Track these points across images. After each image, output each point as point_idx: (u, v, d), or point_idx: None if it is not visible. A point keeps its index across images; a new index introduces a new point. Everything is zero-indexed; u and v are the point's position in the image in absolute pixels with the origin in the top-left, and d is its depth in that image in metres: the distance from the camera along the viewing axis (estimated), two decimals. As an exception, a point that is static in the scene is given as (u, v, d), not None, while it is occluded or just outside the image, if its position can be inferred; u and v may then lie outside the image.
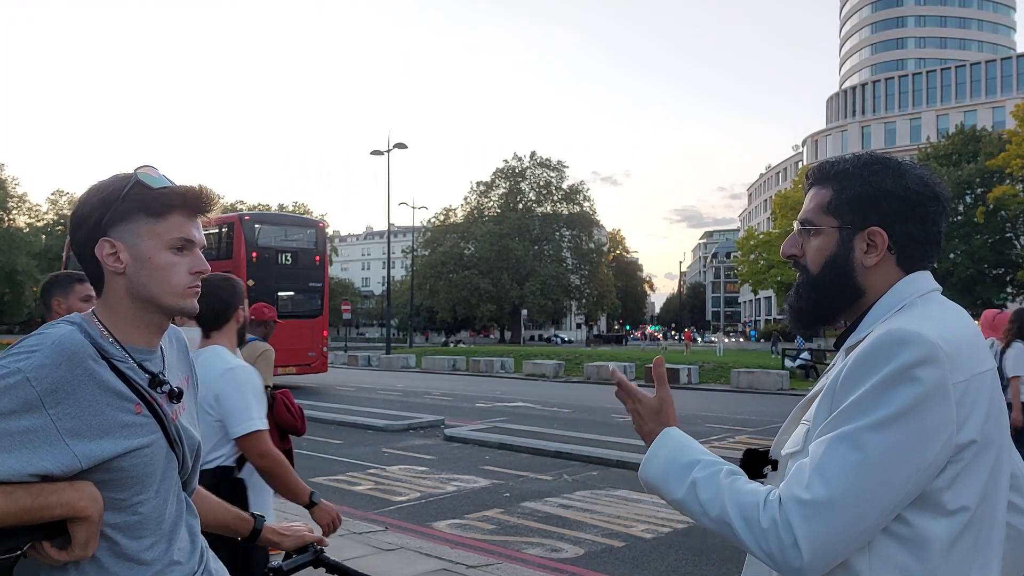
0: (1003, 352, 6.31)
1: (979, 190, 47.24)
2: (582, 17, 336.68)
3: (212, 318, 2.98)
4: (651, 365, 1.60)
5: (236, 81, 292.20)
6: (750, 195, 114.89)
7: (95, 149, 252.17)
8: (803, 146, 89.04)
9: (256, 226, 22.09)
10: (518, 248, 62.47)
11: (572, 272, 67.19)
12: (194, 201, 1.52)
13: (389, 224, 43.49)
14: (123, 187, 1.47)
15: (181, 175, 1.56)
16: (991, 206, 45.38)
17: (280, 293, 21.77)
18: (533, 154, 66.18)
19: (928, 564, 1.27)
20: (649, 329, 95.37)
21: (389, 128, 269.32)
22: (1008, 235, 47.76)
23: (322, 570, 1.94)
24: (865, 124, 79.98)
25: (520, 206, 65.97)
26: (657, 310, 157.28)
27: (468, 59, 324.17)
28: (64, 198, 73.44)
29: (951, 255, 47.01)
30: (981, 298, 48.12)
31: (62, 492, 1.34)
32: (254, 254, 21.04)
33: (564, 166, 66.56)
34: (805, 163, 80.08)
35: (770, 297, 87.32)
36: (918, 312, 1.36)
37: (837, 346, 1.49)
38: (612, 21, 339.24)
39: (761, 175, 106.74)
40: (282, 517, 6.20)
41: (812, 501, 1.24)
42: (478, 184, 67.85)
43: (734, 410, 16.97)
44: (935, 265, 1.48)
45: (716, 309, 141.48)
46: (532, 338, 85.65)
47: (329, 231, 55.05)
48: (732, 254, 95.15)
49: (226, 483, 2.89)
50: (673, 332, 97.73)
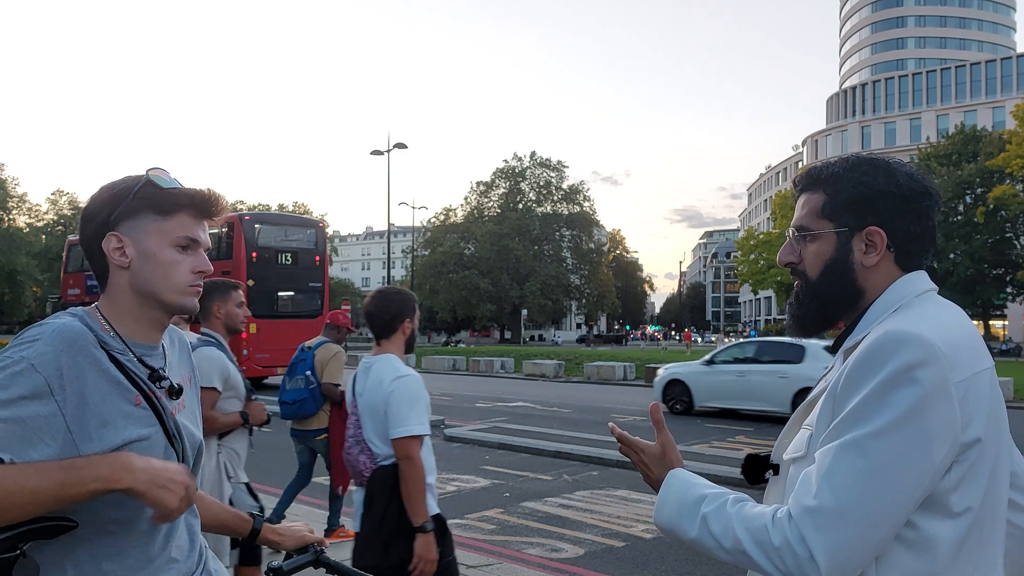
0: None
1: (979, 190, 47.28)
2: (582, 17, 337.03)
3: (382, 327, 3.24)
4: (650, 409, 1.61)
5: (236, 81, 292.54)
6: (750, 195, 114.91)
7: (95, 149, 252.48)
8: (803, 146, 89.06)
9: (256, 226, 22.08)
10: (518, 248, 62.48)
11: (572, 272, 67.21)
12: (202, 203, 1.55)
13: (389, 224, 43.51)
14: (134, 185, 1.51)
15: (181, 175, 1.58)
16: (991, 206, 45.42)
17: (280, 293, 21.76)
18: (533, 154, 66.24)
19: (935, 566, 1.27)
20: (649, 329, 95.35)
21: (389, 128, 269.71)
22: (1008, 235, 47.78)
23: (322, 570, 1.93)
24: (865, 124, 79.99)
25: (520, 206, 65.99)
26: (657, 310, 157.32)
27: (468, 59, 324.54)
28: (64, 198, 73.45)
29: (951, 255, 47.00)
30: (981, 298, 48.18)
31: (95, 466, 1.32)
32: (254, 254, 21.04)
33: (564, 166, 66.62)
34: (805, 163, 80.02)
35: (770, 297, 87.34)
36: (915, 312, 1.35)
37: (835, 348, 1.48)
38: (612, 21, 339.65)
39: (761, 175, 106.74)
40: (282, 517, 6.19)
41: (824, 511, 1.22)
42: (478, 184, 67.93)
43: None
44: (935, 265, 1.49)
45: (716, 309, 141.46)
46: (532, 338, 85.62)
47: (329, 231, 55.08)
48: (732, 254, 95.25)
49: (390, 483, 3.20)
50: (673, 332, 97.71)
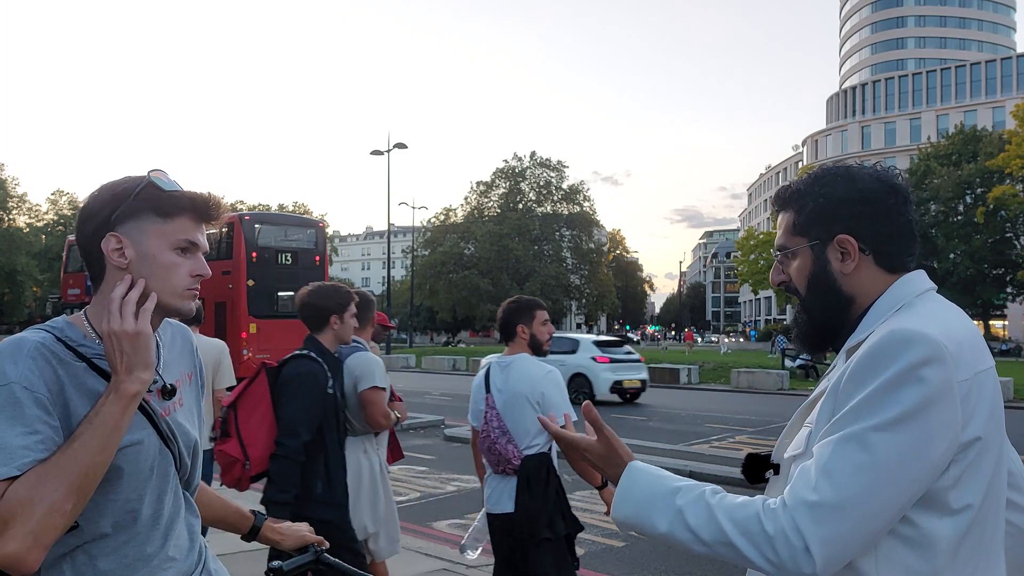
0: None
1: (979, 190, 47.24)
2: (582, 17, 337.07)
3: (504, 331, 3.86)
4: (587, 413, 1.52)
5: (236, 81, 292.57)
6: (750, 195, 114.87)
7: (95, 149, 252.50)
8: (803, 146, 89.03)
9: (256, 226, 22.07)
10: (518, 248, 62.46)
11: (572, 272, 67.18)
12: (203, 207, 1.54)
13: (389, 224, 43.51)
14: (135, 186, 1.50)
15: (181, 175, 1.58)
16: (991, 206, 45.38)
17: (280, 293, 21.74)
18: (533, 154, 66.16)
19: (935, 564, 1.27)
20: (649, 329, 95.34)
21: (389, 128, 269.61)
22: (1008, 235, 47.75)
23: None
24: (865, 124, 79.97)
25: (520, 206, 65.95)
26: (657, 310, 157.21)
27: (468, 59, 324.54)
28: (64, 198, 73.35)
29: (951, 255, 46.97)
30: (981, 298, 48.16)
31: (106, 413, 1.36)
32: (254, 254, 21.03)
33: (564, 166, 66.55)
34: (805, 163, 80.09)
35: (770, 297, 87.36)
36: (918, 311, 1.36)
37: (837, 348, 1.48)
38: (612, 21, 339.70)
39: (761, 175, 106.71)
40: (282, 517, 6.19)
41: (822, 503, 1.21)
42: (478, 184, 67.85)
43: (734, 410, 16.97)
44: (935, 265, 1.49)
45: (716, 309, 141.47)
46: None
47: (329, 231, 54.94)
48: (732, 254, 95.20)
49: (546, 466, 3.64)
50: (672, 332, 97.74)
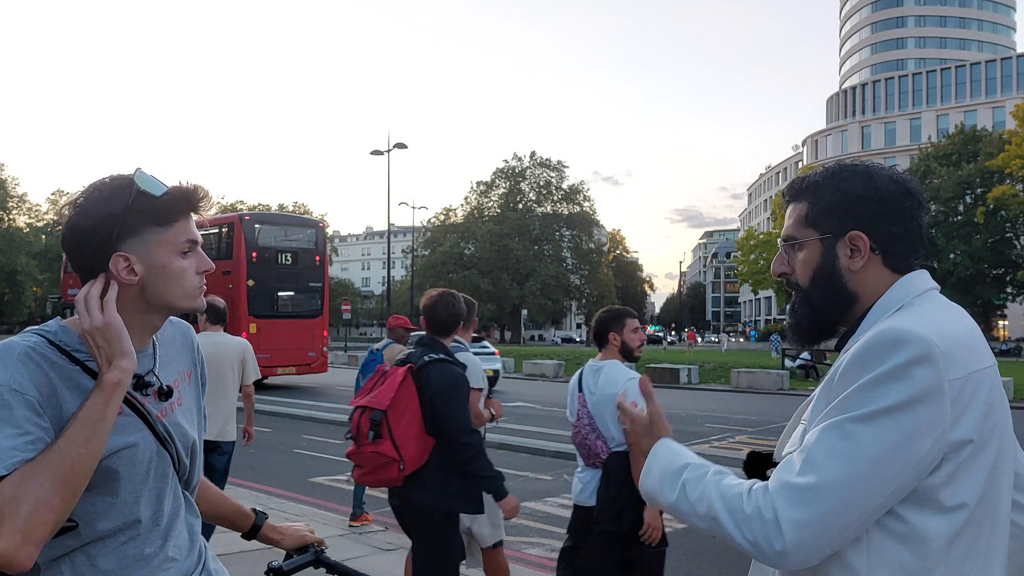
0: None
1: (979, 190, 47.28)
2: (582, 17, 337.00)
3: (597, 338, 4.20)
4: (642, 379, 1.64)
5: (236, 81, 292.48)
6: (750, 195, 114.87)
7: (95, 149, 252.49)
8: (803, 146, 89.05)
9: (256, 226, 22.08)
10: (518, 248, 62.52)
11: (572, 272, 67.25)
12: (195, 202, 1.54)
13: (389, 224, 43.52)
14: (126, 199, 1.46)
15: (182, 175, 1.57)
16: (991, 206, 45.41)
17: (280, 293, 21.76)
18: (533, 154, 66.27)
19: (926, 561, 1.27)
20: (650, 329, 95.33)
21: (389, 128, 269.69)
22: (1008, 235, 47.79)
23: (322, 570, 1.93)
24: (865, 124, 79.98)
25: (520, 206, 66.00)
26: (657, 310, 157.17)
27: (468, 59, 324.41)
28: (64, 198, 73.36)
29: (951, 255, 47.00)
30: (981, 298, 48.18)
31: (90, 405, 1.36)
32: (254, 254, 21.03)
33: (564, 166, 66.67)
34: (805, 163, 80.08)
35: (770, 297, 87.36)
36: (915, 311, 1.36)
37: (838, 348, 1.49)
38: (612, 21, 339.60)
39: (761, 175, 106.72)
40: (283, 517, 6.20)
41: (797, 486, 1.25)
42: (478, 184, 67.97)
43: (734, 410, 16.97)
44: (935, 265, 1.49)
45: (716, 309, 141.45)
46: (532, 338, 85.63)
47: (329, 231, 54.96)
48: (732, 254, 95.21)
49: (624, 467, 3.93)
50: (673, 332, 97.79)
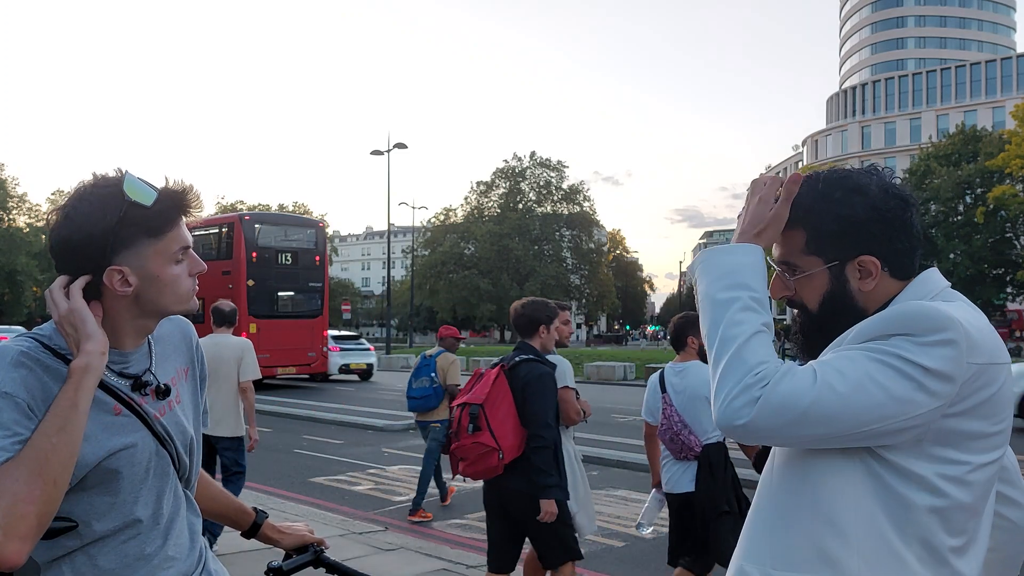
0: None
1: (979, 190, 47.30)
2: (582, 17, 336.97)
3: (675, 342, 4.68)
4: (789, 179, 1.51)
5: (236, 81, 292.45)
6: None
7: (95, 149, 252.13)
8: (803, 146, 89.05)
9: (256, 226, 22.09)
10: (518, 248, 62.49)
11: (572, 272, 67.20)
12: (186, 205, 1.51)
13: (389, 224, 43.51)
14: (117, 211, 1.42)
15: (182, 175, 1.53)
16: (991, 206, 45.42)
17: (280, 293, 21.77)
18: (533, 154, 66.15)
19: (904, 522, 1.28)
20: (649, 329, 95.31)
21: (389, 128, 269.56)
22: (1008, 235, 47.81)
23: (322, 570, 1.93)
24: (865, 124, 79.98)
25: (520, 206, 65.95)
26: (657, 310, 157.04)
27: (468, 59, 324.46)
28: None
29: (951, 255, 47.05)
30: (981, 298, 48.18)
31: (61, 393, 1.36)
32: (254, 254, 21.04)
33: (564, 166, 66.56)
34: (805, 163, 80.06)
35: (769, 297, 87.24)
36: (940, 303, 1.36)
37: None
38: (612, 21, 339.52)
39: (761, 175, 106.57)
40: (283, 517, 6.21)
41: (791, 381, 1.27)
42: (478, 184, 67.85)
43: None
44: (935, 266, 1.49)
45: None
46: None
47: (329, 231, 54.85)
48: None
49: (723, 453, 4.69)
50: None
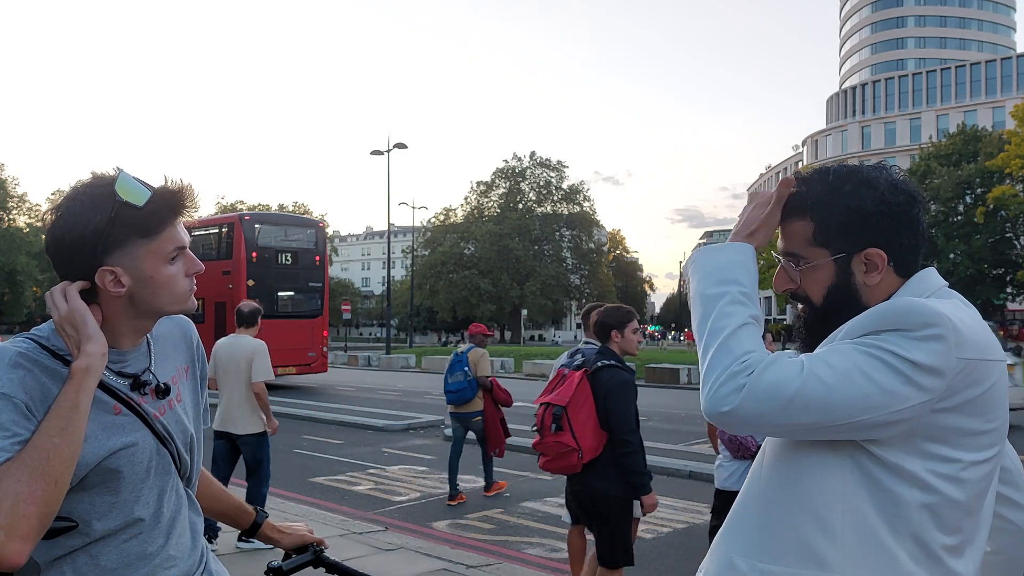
0: None
1: (979, 190, 47.32)
2: (582, 18, 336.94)
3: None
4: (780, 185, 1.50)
5: (236, 81, 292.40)
6: (750, 195, 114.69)
7: (95, 149, 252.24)
8: (803, 146, 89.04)
9: (256, 226, 22.09)
10: (518, 248, 62.47)
11: (572, 272, 67.19)
12: (181, 206, 1.50)
13: (389, 224, 43.49)
14: (109, 211, 1.41)
15: (182, 175, 1.52)
16: (991, 206, 45.44)
17: (280, 293, 21.77)
18: (533, 154, 66.16)
19: (896, 523, 1.28)
20: (649, 329, 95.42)
21: (389, 128, 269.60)
22: (1008, 235, 47.83)
23: (322, 570, 1.93)
24: (865, 124, 79.96)
25: (520, 206, 65.94)
26: (657, 310, 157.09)
27: (468, 59, 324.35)
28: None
29: (951, 255, 47.07)
30: (981, 298, 48.19)
31: (62, 394, 1.36)
32: (254, 254, 21.04)
33: (564, 166, 66.57)
34: (805, 163, 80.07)
35: (769, 297, 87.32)
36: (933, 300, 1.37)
37: None
38: (613, 22, 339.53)
39: (761, 175, 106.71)
40: (283, 517, 6.21)
41: (780, 367, 1.28)
42: (478, 184, 67.86)
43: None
44: (936, 266, 1.49)
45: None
46: (532, 338, 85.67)
47: (329, 231, 54.87)
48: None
49: None
50: (673, 331, 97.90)
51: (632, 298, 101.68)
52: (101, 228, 1.41)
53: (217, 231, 22.16)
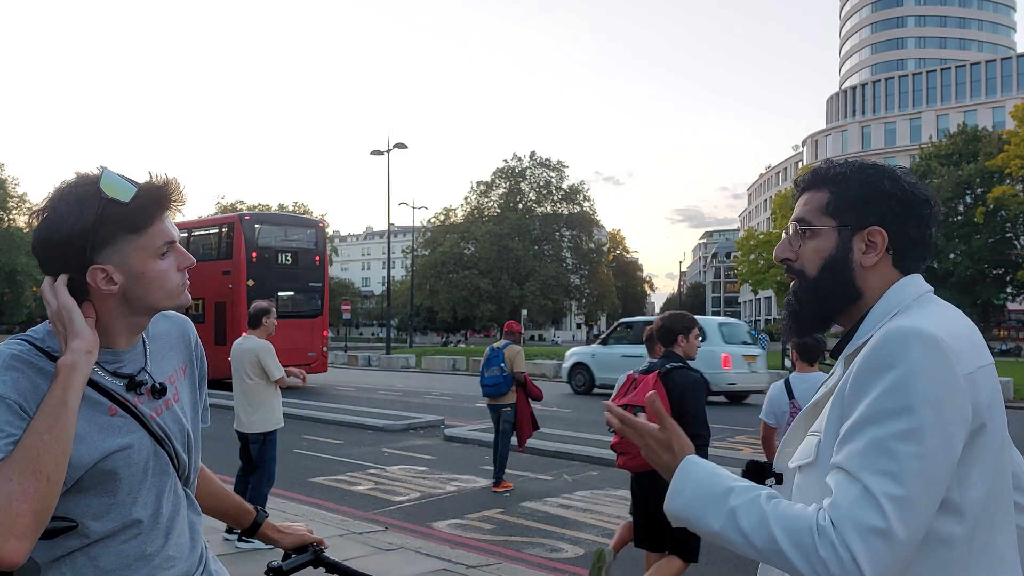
0: None
1: (979, 190, 47.30)
2: (582, 18, 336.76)
3: (810, 356, 5.27)
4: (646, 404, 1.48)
5: (236, 81, 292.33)
6: (750, 195, 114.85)
7: (95, 149, 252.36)
8: (803, 146, 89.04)
9: (256, 226, 22.09)
10: (518, 248, 62.49)
11: (572, 272, 67.21)
12: (167, 199, 1.49)
13: (389, 224, 43.47)
14: (95, 209, 1.40)
15: (182, 175, 1.52)
16: (991, 206, 45.42)
17: (280, 293, 21.75)
18: (533, 154, 66.18)
19: (951, 570, 1.26)
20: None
21: (389, 128, 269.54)
22: (1008, 235, 47.81)
23: (322, 570, 1.93)
24: (865, 124, 79.98)
25: (520, 206, 65.95)
26: (657, 310, 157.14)
27: (468, 59, 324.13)
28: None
29: (951, 255, 46.98)
30: (981, 298, 48.18)
31: (50, 392, 1.35)
32: (254, 254, 21.04)
33: (564, 166, 66.59)
34: (805, 163, 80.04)
35: (770, 297, 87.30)
36: (916, 312, 1.36)
37: (835, 354, 1.48)
38: (613, 22, 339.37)
39: (761, 175, 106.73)
40: (283, 517, 6.21)
41: (869, 527, 1.18)
42: (478, 184, 67.89)
43: (733, 408, 16.96)
44: (935, 265, 1.49)
45: (716, 309, 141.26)
46: (532, 338, 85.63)
47: (329, 231, 54.79)
48: (732, 254, 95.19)
49: None
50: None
51: (632, 298, 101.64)
52: (89, 226, 1.40)
53: (217, 231, 22.17)
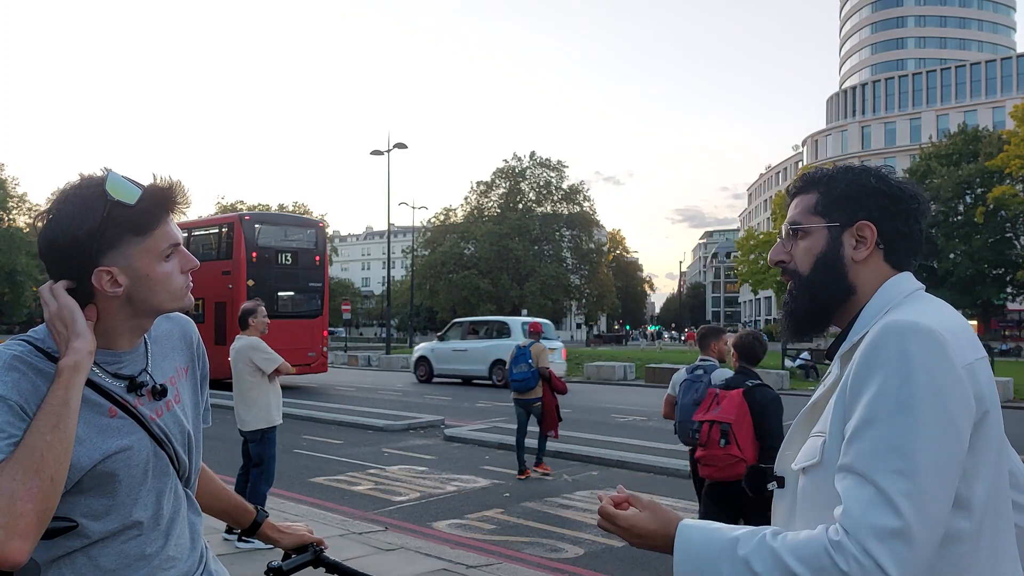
0: None
1: (979, 190, 47.31)
2: (582, 18, 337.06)
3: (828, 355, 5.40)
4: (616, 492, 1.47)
5: (236, 81, 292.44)
6: (750, 195, 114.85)
7: (95, 149, 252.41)
8: (803, 146, 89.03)
9: (256, 226, 22.07)
10: (518, 248, 62.45)
11: (572, 272, 67.14)
12: (172, 202, 1.49)
13: (389, 224, 43.46)
14: (101, 211, 1.40)
15: (181, 175, 1.52)
16: (991, 206, 45.43)
17: (280, 293, 21.75)
18: (533, 154, 66.08)
19: (960, 565, 1.26)
20: (649, 329, 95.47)
21: (389, 128, 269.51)
22: (1008, 235, 47.81)
23: (322, 570, 1.93)
24: (865, 124, 79.95)
25: (520, 206, 65.89)
26: (657, 310, 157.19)
27: (468, 59, 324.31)
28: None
29: (951, 255, 46.98)
30: (981, 298, 48.19)
31: (51, 392, 1.35)
32: (254, 254, 21.02)
33: (564, 166, 66.46)
34: (805, 163, 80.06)
35: (770, 297, 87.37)
36: (909, 308, 1.36)
37: (829, 355, 1.48)
38: (613, 22, 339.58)
39: (761, 175, 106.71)
40: (283, 517, 6.21)
41: (886, 529, 1.17)
42: (478, 184, 67.78)
43: (734, 410, 16.96)
44: (935, 265, 1.49)
45: (716, 309, 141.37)
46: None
47: (329, 231, 54.76)
48: (732, 254, 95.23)
49: None
50: (673, 331, 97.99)
51: (632, 298, 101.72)
52: (94, 229, 1.40)
53: (217, 231, 22.16)
